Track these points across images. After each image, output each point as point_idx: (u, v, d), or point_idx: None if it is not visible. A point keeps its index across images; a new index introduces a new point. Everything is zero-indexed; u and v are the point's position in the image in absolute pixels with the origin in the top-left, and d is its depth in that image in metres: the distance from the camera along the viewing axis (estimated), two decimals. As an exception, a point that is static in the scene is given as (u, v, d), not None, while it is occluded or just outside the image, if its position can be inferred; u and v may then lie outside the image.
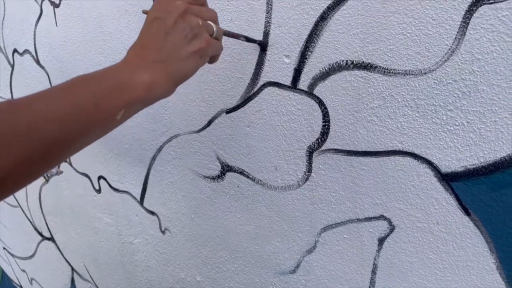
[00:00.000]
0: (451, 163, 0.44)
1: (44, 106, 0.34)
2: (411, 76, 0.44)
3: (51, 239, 1.21)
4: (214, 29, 0.44)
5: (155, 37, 0.41)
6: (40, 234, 1.26)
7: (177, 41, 0.41)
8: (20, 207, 1.30)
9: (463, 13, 0.39)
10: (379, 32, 0.45)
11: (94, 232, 1.02)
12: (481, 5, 0.38)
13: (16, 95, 1.10)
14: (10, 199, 1.33)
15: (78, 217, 1.04)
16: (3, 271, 1.74)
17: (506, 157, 0.40)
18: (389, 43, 0.44)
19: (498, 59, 0.38)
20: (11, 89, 1.11)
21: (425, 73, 0.43)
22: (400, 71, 0.44)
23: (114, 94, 0.38)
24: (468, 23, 0.39)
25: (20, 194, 1.27)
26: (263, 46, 0.55)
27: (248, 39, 0.54)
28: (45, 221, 1.21)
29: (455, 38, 0.40)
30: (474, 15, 0.38)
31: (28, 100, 0.35)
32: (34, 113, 0.34)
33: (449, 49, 0.41)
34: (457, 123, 0.42)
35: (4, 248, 1.55)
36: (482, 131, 0.41)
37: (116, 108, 0.38)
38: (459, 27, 0.40)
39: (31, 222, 1.28)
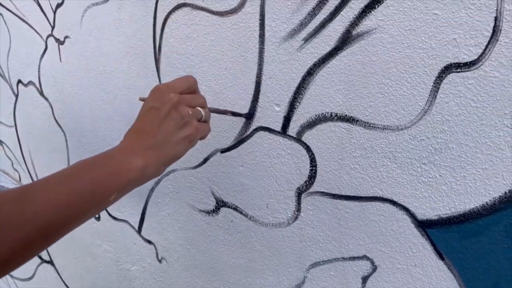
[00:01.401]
0: (426, 211, 0.47)
1: (47, 196, 0.40)
2: (389, 131, 0.48)
3: (50, 262, 1.24)
4: (203, 114, 0.51)
5: (150, 125, 0.47)
6: (40, 257, 1.28)
7: (170, 129, 0.47)
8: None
9: (434, 78, 0.43)
10: (360, 90, 0.49)
11: (92, 257, 1.05)
12: (449, 73, 0.42)
13: (19, 123, 1.14)
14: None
15: (78, 242, 1.07)
16: (0, 291, 1.75)
17: (475, 209, 0.44)
18: (369, 100, 0.48)
19: (465, 121, 0.42)
20: (14, 118, 1.15)
21: (401, 129, 0.47)
22: (379, 126, 0.48)
23: (109, 180, 0.43)
24: (438, 88, 0.43)
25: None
26: (249, 117, 0.60)
27: (234, 114, 0.61)
28: (45, 244, 1.23)
29: (427, 100, 0.44)
30: (444, 81, 0.43)
31: (33, 190, 0.40)
32: (38, 203, 0.39)
33: (422, 109, 0.45)
34: (430, 176, 0.46)
35: (2, 269, 1.57)
36: (453, 184, 0.45)
37: (110, 192, 0.43)
38: (431, 90, 0.44)
39: (30, 245, 1.31)
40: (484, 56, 0.40)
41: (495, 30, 0.39)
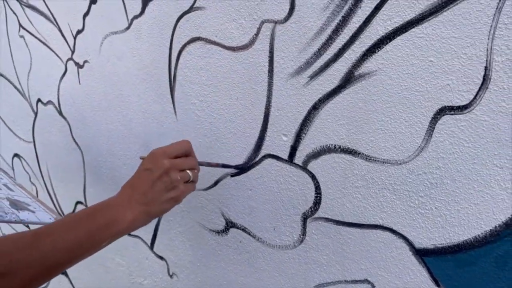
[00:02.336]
0: (423, 241, 0.50)
1: (54, 242, 0.50)
2: (388, 164, 0.51)
3: (64, 273, 1.28)
4: (191, 176, 0.59)
5: (143, 184, 0.56)
6: (54, 267, 1.33)
7: (159, 190, 0.55)
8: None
9: (430, 119, 0.47)
10: (361, 126, 0.52)
11: (105, 270, 1.09)
12: (444, 115, 0.46)
13: (38, 140, 1.19)
14: (17, 227, 1.41)
15: (91, 256, 1.11)
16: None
17: (467, 241, 0.47)
18: (370, 135, 0.52)
19: (459, 159, 0.46)
20: (33, 134, 1.20)
21: (400, 164, 0.50)
22: (380, 159, 0.52)
23: (103, 230, 0.53)
24: (434, 128, 0.47)
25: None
26: (239, 168, 0.67)
27: (224, 166, 0.68)
28: (59, 256, 1.28)
29: (424, 138, 0.48)
30: (439, 122, 0.46)
31: (43, 236, 0.50)
32: (47, 248, 0.49)
33: (419, 146, 0.48)
34: (427, 208, 0.49)
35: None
36: (448, 217, 0.48)
37: (103, 240, 0.53)
38: (427, 130, 0.47)
39: (45, 256, 1.35)
40: (475, 101, 0.43)
41: (485, 79, 0.42)
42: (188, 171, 0.59)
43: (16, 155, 1.33)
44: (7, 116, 1.32)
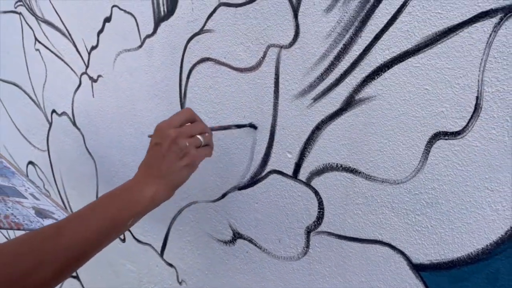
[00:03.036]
0: (420, 256, 0.53)
1: (78, 230, 0.51)
2: (387, 183, 0.54)
3: (76, 277, 1.32)
4: (201, 140, 0.59)
5: (155, 159, 0.57)
6: (66, 271, 1.37)
7: (172, 160, 0.56)
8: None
9: (425, 143, 0.50)
10: (361, 147, 0.56)
11: (116, 275, 1.13)
12: (438, 140, 0.49)
13: (52, 149, 1.24)
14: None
15: (103, 261, 1.15)
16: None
17: (461, 258, 0.50)
18: (369, 156, 0.55)
19: (452, 181, 0.49)
20: (47, 143, 1.25)
21: (398, 183, 0.53)
22: (379, 179, 0.55)
23: (126, 209, 0.54)
24: (429, 151, 0.50)
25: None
26: (253, 126, 0.68)
27: (239, 126, 0.68)
28: (72, 260, 1.32)
29: (420, 160, 0.51)
30: (434, 146, 0.49)
31: (67, 226, 0.51)
32: (71, 237, 0.50)
33: (416, 168, 0.51)
34: (423, 226, 0.52)
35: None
36: (442, 235, 0.51)
37: (127, 219, 0.54)
38: (423, 153, 0.50)
39: (58, 260, 1.40)
40: (468, 128, 0.46)
41: (477, 107, 0.45)
42: (198, 136, 0.59)
43: (30, 162, 1.38)
44: (22, 125, 1.36)
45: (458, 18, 0.44)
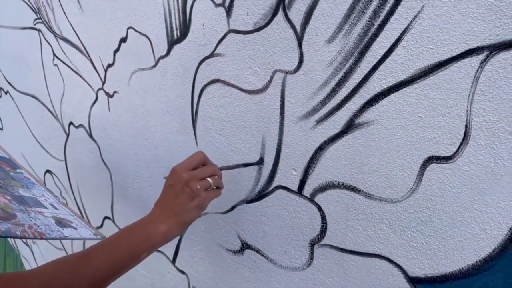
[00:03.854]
0: (416, 270, 0.57)
1: (100, 261, 0.60)
2: (385, 202, 0.58)
3: (91, 281, 1.38)
4: (211, 182, 0.66)
5: (169, 199, 0.65)
6: (81, 276, 1.43)
7: (184, 202, 0.64)
8: (65, 251, 1.48)
9: (419, 166, 0.54)
10: (361, 167, 0.60)
11: (130, 281, 1.18)
12: (431, 163, 0.52)
13: (69, 159, 1.30)
14: (56, 242, 1.52)
15: (118, 267, 1.21)
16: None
17: (453, 272, 0.53)
18: (369, 176, 0.59)
19: (444, 202, 0.52)
20: (64, 153, 1.31)
21: (395, 202, 0.57)
22: (377, 197, 0.59)
23: (141, 244, 0.63)
24: (423, 173, 0.54)
25: (65, 241, 1.45)
26: (260, 162, 0.73)
27: (246, 165, 0.74)
28: (87, 265, 1.38)
29: (415, 182, 0.55)
30: (427, 168, 0.53)
31: (94, 254, 0.61)
32: (94, 266, 0.60)
33: (411, 188, 0.55)
34: (418, 242, 0.56)
35: (46, 283, 1.73)
36: (436, 251, 0.55)
37: (141, 253, 0.63)
38: (417, 175, 0.54)
39: (73, 265, 1.46)
40: (458, 154, 0.50)
41: (466, 135, 0.49)
42: (208, 178, 0.66)
43: (48, 171, 1.44)
44: (40, 135, 1.43)
45: (448, 53, 0.48)
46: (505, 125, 0.46)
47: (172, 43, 0.82)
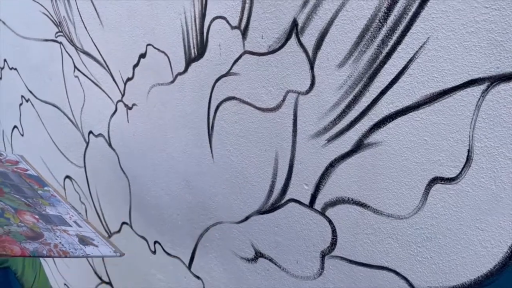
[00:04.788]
0: (421, 283, 0.61)
1: None
2: (392, 218, 0.62)
3: (109, 283, 1.43)
4: None
5: None
6: (100, 278, 1.48)
7: None
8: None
9: (425, 186, 0.57)
10: (370, 184, 0.63)
11: (147, 284, 1.23)
12: (436, 183, 0.56)
13: (88, 166, 1.35)
14: (75, 245, 1.57)
15: (135, 270, 1.26)
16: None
17: (456, 286, 0.57)
18: (377, 193, 0.63)
19: (448, 220, 0.56)
20: (84, 160, 1.36)
21: (401, 219, 0.61)
22: (385, 213, 0.62)
23: None
24: (428, 193, 0.57)
25: (85, 243, 1.50)
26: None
27: None
28: (105, 268, 1.43)
29: (421, 200, 0.58)
30: (432, 188, 0.56)
31: None
32: None
33: (417, 206, 0.58)
34: (424, 257, 0.59)
35: (65, 284, 1.79)
36: (440, 265, 0.58)
37: None
38: (423, 194, 0.57)
39: (92, 267, 1.51)
40: (461, 176, 0.53)
41: (468, 159, 0.52)
42: None
43: (67, 176, 1.50)
44: (60, 142, 1.48)
45: (451, 82, 0.51)
46: (505, 151, 0.49)
47: (189, 61, 0.86)
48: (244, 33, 0.74)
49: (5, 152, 1.14)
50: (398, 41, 0.55)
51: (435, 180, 0.56)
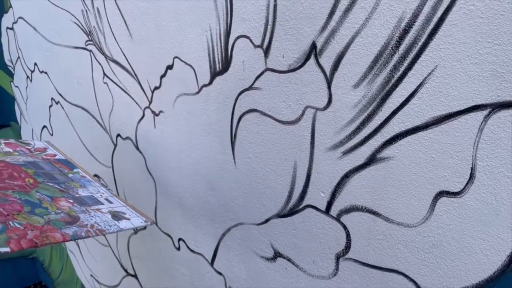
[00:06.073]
0: (427, 285, 0.66)
1: None
2: (402, 226, 0.67)
3: (135, 276, 1.53)
4: None
5: None
6: (125, 270, 1.58)
7: None
8: (110, 247, 1.64)
9: (432, 198, 0.63)
10: (381, 195, 0.69)
11: (171, 278, 1.31)
12: (442, 197, 0.61)
13: (116, 167, 1.43)
14: (102, 239, 1.67)
15: (160, 264, 1.34)
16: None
17: (460, 290, 0.62)
18: (388, 203, 0.68)
19: (453, 230, 0.61)
20: (112, 161, 1.44)
21: (410, 227, 0.66)
22: (396, 222, 0.68)
23: None
24: (435, 205, 0.62)
25: (111, 239, 1.60)
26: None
27: None
28: (131, 262, 1.52)
29: (428, 211, 0.64)
30: (439, 201, 0.62)
31: None
32: None
33: (424, 216, 0.64)
34: (430, 262, 0.65)
35: (91, 275, 1.90)
36: (445, 270, 0.64)
37: None
38: (430, 205, 0.63)
39: (118, 260, 1.61)
40: (465, 191, 0.59)
41: (471, 176, 0.57)
42: None
43: (96, 175, 1.59)
44: (89, 143, 1.57)
45: (457, 107, 0.57)
46: (504, 170, 0.54)
47: (214, 74, 0.93)
48: (266, 52, 0.80)
49: (33, 142, 1.20)
50: (409, 67, 0.60)
51: (441, 194, 0.61)
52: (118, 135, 1.37)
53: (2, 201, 0.90)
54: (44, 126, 1.91)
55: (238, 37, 0.84)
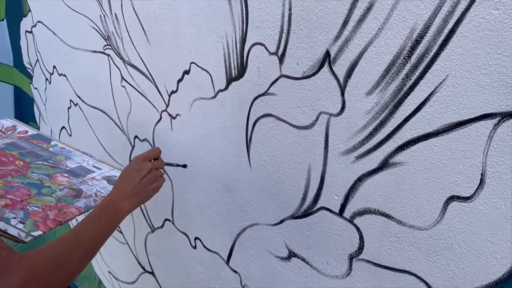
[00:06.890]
0: (438, 286, 0.69)
1: (87, 235, 0.76)
2: (414, 229, 0.70)
3: (152, 273, 1.57)
4: (162, 172, 0.93)
5: (133, 181, 0.85)
6: (143, 267, 1.63)
7: (146, 183, 0.86)
8: (128, 245, 1.69)
9: (443, 202, 0.65)
10: (394, 198, 0.71)
11: (188, 275, 1.35)
12: (453, 201, 0.63)
13: (134, 167, 1.48)
14: (120, 237, 1.72)
15: (177, 262, 1.38)
16: None
17: (470, 291, 0.65)
18: (400, 206, 0.71)
19: (464, 233, 0.63)
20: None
21: (422, 230, 0.69)
22: (408, 224, 0.71)
23: (113, 218, 0.80)
24: (446, 209, 0.65)
25: (128, 237, 1.65)
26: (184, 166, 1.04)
27: (178, 165, 1.02)
28: (148, 259, 1.57)
29: (439, 214, 0.66)
30: (450, 205, 0.64)
31: (83, 230, 0.76)
32: (86, 236, 0.76)
33: (436, 220, 0.66)
34: (441, 263, 0.67)
35: (109, 272, 1.95)
36: (455, 271, 0.66)
37: (115, 225, 0.81)
38: (441, 209, 0.65)
39: (135, 258, 1.66)
40: (475, 196, 0.61)
41: (481, 181, 0.60)
42: (160, 169, 0.92)
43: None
44: (107, 144, 1.62)
45: (467, 115, 0.59)
46: (513, 177, 0.56)
47: (230, 79, 0.96)
48: (281, 59, 0.82)
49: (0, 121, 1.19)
50: (421, 76, 0.62)
51: (452, 198, 0.63)
52: (136, 136, 1.41)
53: (9, 188, 0.91)
54: (63, 127, 1.97)
55: (253, 44, 0.87)
